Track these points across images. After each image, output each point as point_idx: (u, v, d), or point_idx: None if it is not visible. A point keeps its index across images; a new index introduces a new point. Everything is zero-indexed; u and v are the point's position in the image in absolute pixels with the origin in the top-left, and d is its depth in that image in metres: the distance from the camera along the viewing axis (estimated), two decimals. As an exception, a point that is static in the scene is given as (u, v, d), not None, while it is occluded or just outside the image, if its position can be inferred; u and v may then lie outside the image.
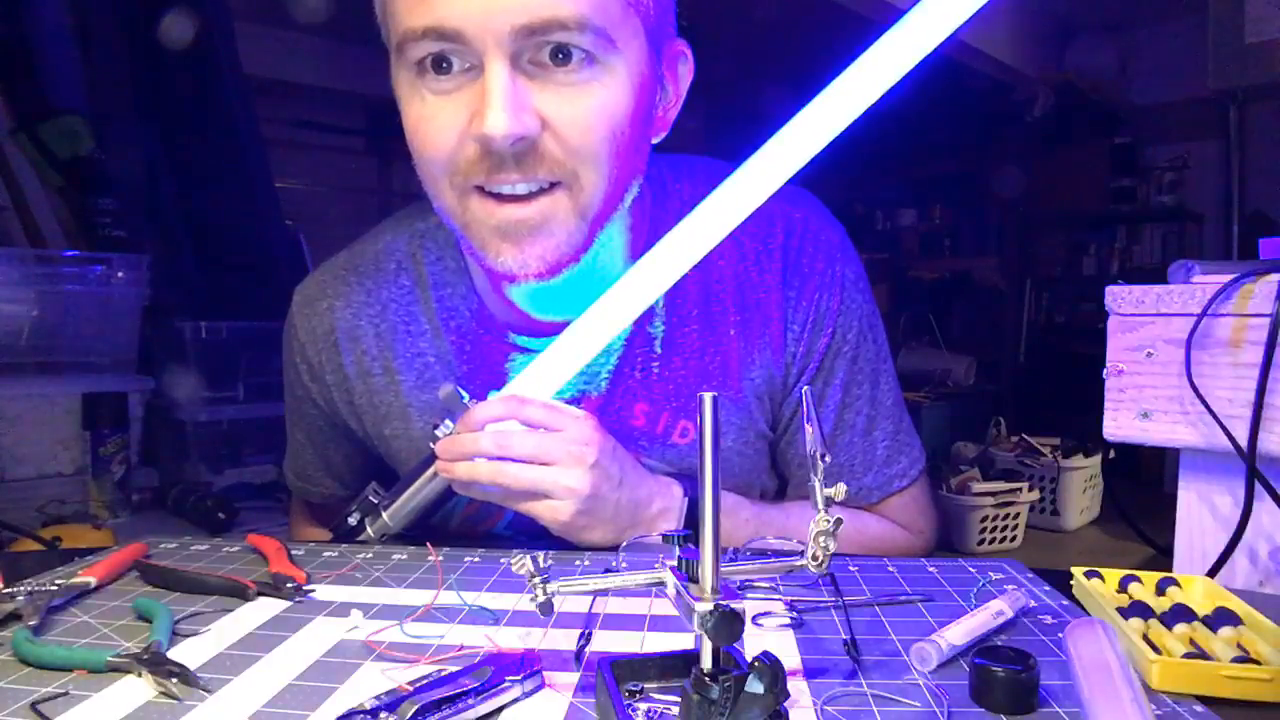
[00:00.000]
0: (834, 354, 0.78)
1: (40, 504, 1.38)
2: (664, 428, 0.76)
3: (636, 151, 0.66)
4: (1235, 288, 0.66)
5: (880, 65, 0.61)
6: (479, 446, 0.66)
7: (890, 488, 0.81)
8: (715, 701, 0.37)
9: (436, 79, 0.61)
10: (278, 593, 0.57)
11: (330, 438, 0.87)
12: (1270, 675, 0.43)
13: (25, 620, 0.51)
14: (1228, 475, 0.70)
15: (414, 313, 0.79)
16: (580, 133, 0.61)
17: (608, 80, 0.62)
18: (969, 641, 0.48)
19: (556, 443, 0.66)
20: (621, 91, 0.63)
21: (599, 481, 0.66)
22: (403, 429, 0.80)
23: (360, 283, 0.80)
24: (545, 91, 0.60)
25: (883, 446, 0.80)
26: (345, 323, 0.80)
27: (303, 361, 0.83)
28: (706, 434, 0.38)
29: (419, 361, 0.79)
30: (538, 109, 0.60)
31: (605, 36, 0.60)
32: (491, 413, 0.67)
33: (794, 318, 0.76)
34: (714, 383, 0.76)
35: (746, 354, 0.76)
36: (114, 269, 1.59)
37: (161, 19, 1.77)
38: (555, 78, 0.61)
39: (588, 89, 0.61)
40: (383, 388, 0.80)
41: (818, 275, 0.76)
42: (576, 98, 0.61)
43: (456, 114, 0.61)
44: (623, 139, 0.64)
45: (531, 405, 0.67)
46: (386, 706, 0.39)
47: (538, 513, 0.67)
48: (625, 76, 0.63)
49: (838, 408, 0.79)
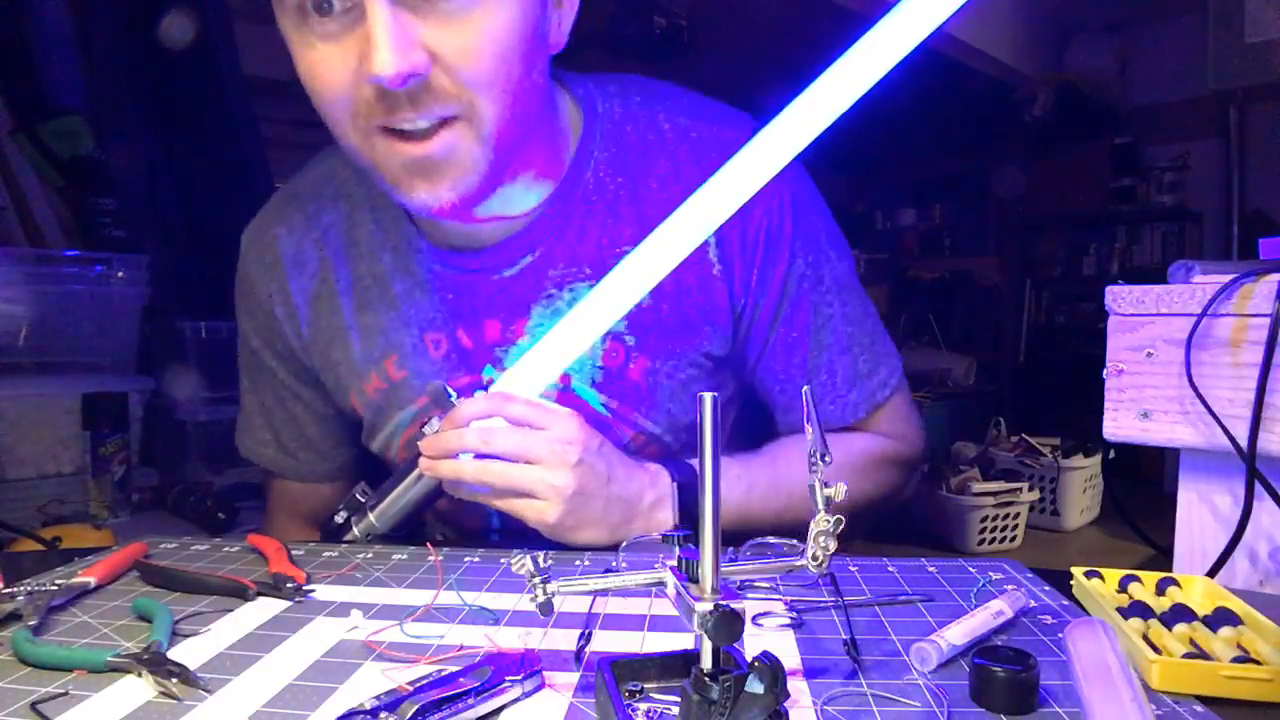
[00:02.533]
0: (796, 278, 0.78)
1: (40, 504, 1.38)
2: (592, 349, 0.75)
3: (533, 69, 0.65)
4: (1235, 288, 0.66)
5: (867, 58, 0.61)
6: (464, 443, 0.66)
7: (874, 399, 0.82)
8: (715, 701, 0.37)
9: (321, 21, 0.59)
10: (278, 593, 0.57)
11: (280, 398, 0.88)
12: (1270, 675, 0.43)
13: (25, 620, 0.51)
14: (1228, 475, 0.70)
15: (353, 236, 0.79)
16: (471, 63, 0.60)
17: (492, 3, 0.60)
18: (969, 641, 0.48)
19: (540, 441, 0.65)
20: (508, 12, 0.61)
21: (584, 480, 0.66)
22: (344, 355, 0.80)
23: (300, 209, 0.81)
24: (429, 24, 0.59)
25: (862, 360, 0.82)
26: (290, 249, 0.81)
27: (254, 303, 0.84)
28: (706, 434, 0.38)
29: (360, 285, 0.79)
30: (425, 43, 0.59)
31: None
32: (476, 409, 0.67)
33: (740, 247, 0.75)
34: (646, 302, 0.73)
35: (680, 275, 0.72)
36: (114, 269, 1.59)
37: (161, 19, 1.77)
38: (439, 8, 0.58)
39: (472, 16, 0.59)
40: (328, 310, 0.80)
41: (763, 198, 0.71)
42: (463, 27, 0.59)
43: (346, 57, 0.60)
44: (515, 61, 0.62)
45: (516, 402, 0.67)
46: (386, 706, 0.39)
47: (523, 514, 0.67)
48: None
49: (811, 330, 0.80)
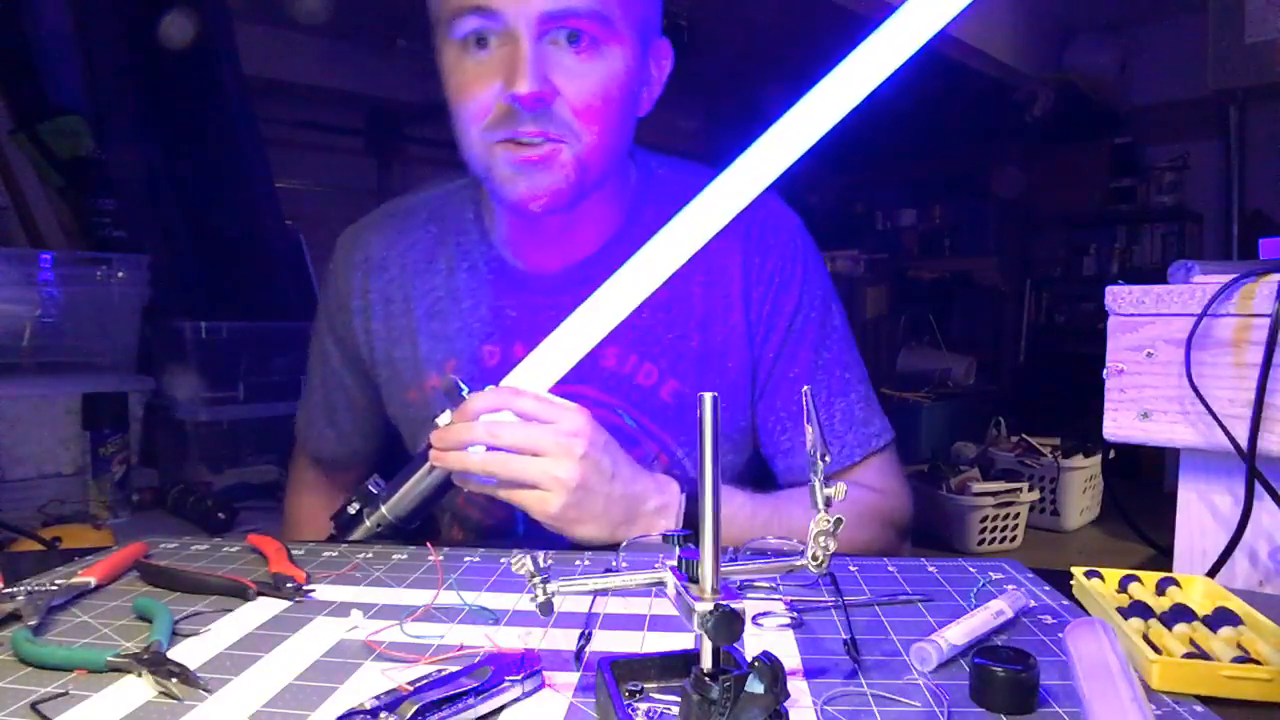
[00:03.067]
0: (802, 317, 0.86)
1: (40, 504, 1.38)
2: (631, 368, 0.84)
3: (625, 122, 0.80)
4: (1235, 288, 0.66)
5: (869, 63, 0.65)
6: (472, 436, 0.69)
7: (870, 445, 0.87)
8: (715, 701, 0.37)
9: (476, 53, 0.75)
10: (278, 593, 0.58)
11: (340, 383, 0.98)
12: (1270, 675, 0.43)
13: (25, 620, 0.51)
14: (1228, 475, 0.70)
15: (435, 254, 0.91)
16: (584, 101, 0.75)
17: (607, 62, 0.76)
18: (969, 641, 0.48)
19: (546, 434, 0.68)
20: (617, 72, 0.76)
21: (588, 473, 0.68)
22: (410, 352, 0.90)
23: (395, 224, 0.94)
24: (561, 67, 0.74)
25: (858, 407, 0.88)
26: (378, 253, 0.93)
27: (335, 294, 0.95)
28: (706, 434, 0.38)
29: (432, 295, 0.90)
30: (555, 80, 0.73)
31: (609, 26, 0.75)
32: (485, 403, 0.70)
33: (758, 280, 0.86)
34: (677, 333, 0.85)
35: (709, 310, 0.85)
36: (114, 269, 1.59)
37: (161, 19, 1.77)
38: (568, 56, 0.74)
39: (591, 67, 0.75)
40: (399, 313, 0.91)
41: (779, 246, 0.87)
42: (582, 74, 0.75)
43: (491, 78, 0.74)
44: (615, 110, 0.77)
45: (524, 397, 0.70)
46: (386, 706, 0.39)
47: (527, 504, 0.69)
48: (621, 60, 0.77)
49: (810, 366, 0.86)
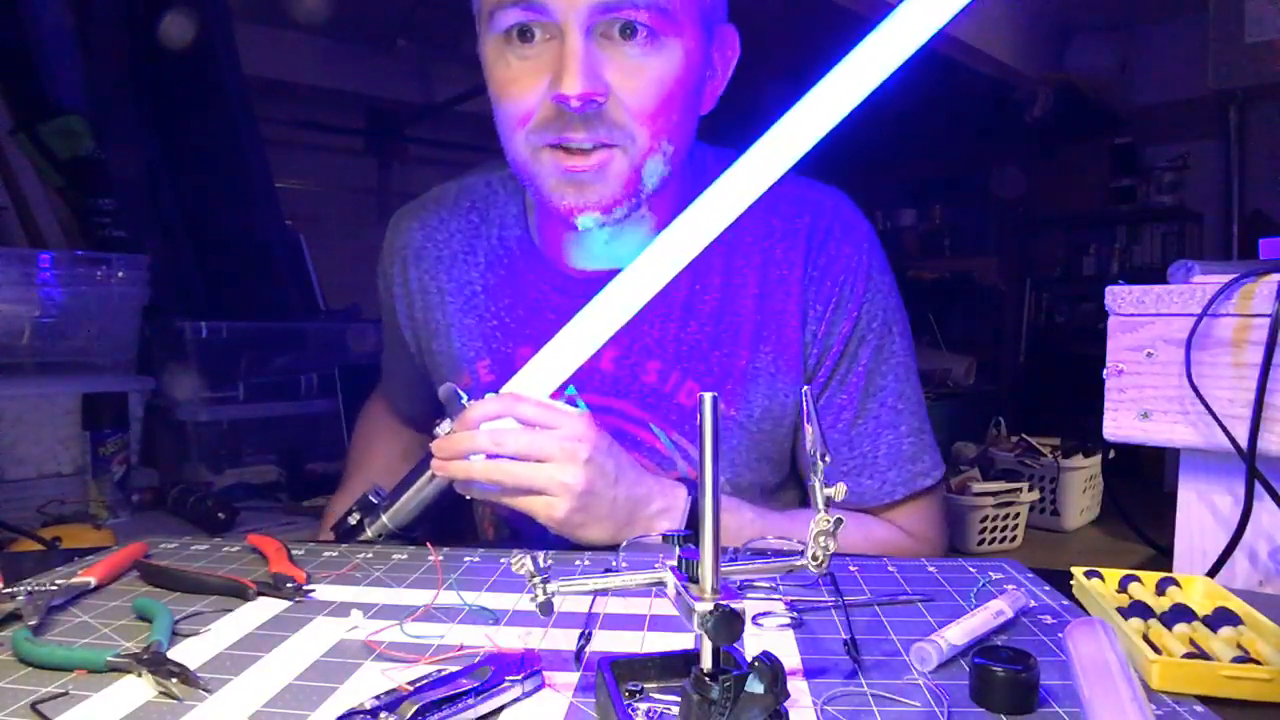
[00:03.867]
0: (858, 339, 0.79)
1: (40, 504, 1.38)
2: (673, 386, 0.79)
3: (685, 121, 0.73)
4: (1235, 288, 0.66)
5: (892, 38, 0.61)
6: (475, 444, 0.67)
7: (913, 485, 0.80)
8: (715, 701, 0.37)
9: (521, 46, 0.69)
10: (278, 593, 0.58)
11: (396, 349, 0.97)
12: (1270, 675, 0.43)
13: (25, 620, 0.51)
14: (1228, 475, 0.70)
15: (474, 245, 0.87)
16: (639, 101, 0.68)
17: (666, 56, 0.69)
18: (969, 641, 0.48)
19: (550, 439, 0.67)
20: (677, 67, 0.69)
21: (593, 477, 0.67)
22: (445, 347, 0.88)
23: (436, 211, 0.90)
24: (613, 63, 0.68)
25: (908, 442, 0.80)
26: (416, 243, 0.90)
27: (383, 275, 0.94)
28: (707, 434, 0.38)
29: (469, 288, 0.87)
30: (607, 77, 0.67)
31: (668, 16, 0.67)
32: (487, 411, 0.68)
33: (816, 297, 0.78)
34: (725, 349, 0.78)
35: (762, 326, 0.78)
36: (114, 269, 1.59)
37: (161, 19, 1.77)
38: (622, 50, 0.68)
39: (648, 63, 0.68)
40: (435, 305, 0.88)
41: (843, 259, 0.78)
42: (638, 70, 0.68)
43: (538, 76, 0.68)
44: (675, 109, 0.70)
45: (526, 403, 0.68)
46: (386, 706, 0.39)
47: (534, 509, 0.68)
48: (681, 54, 0.69)
49: (860, 393, 0.79)
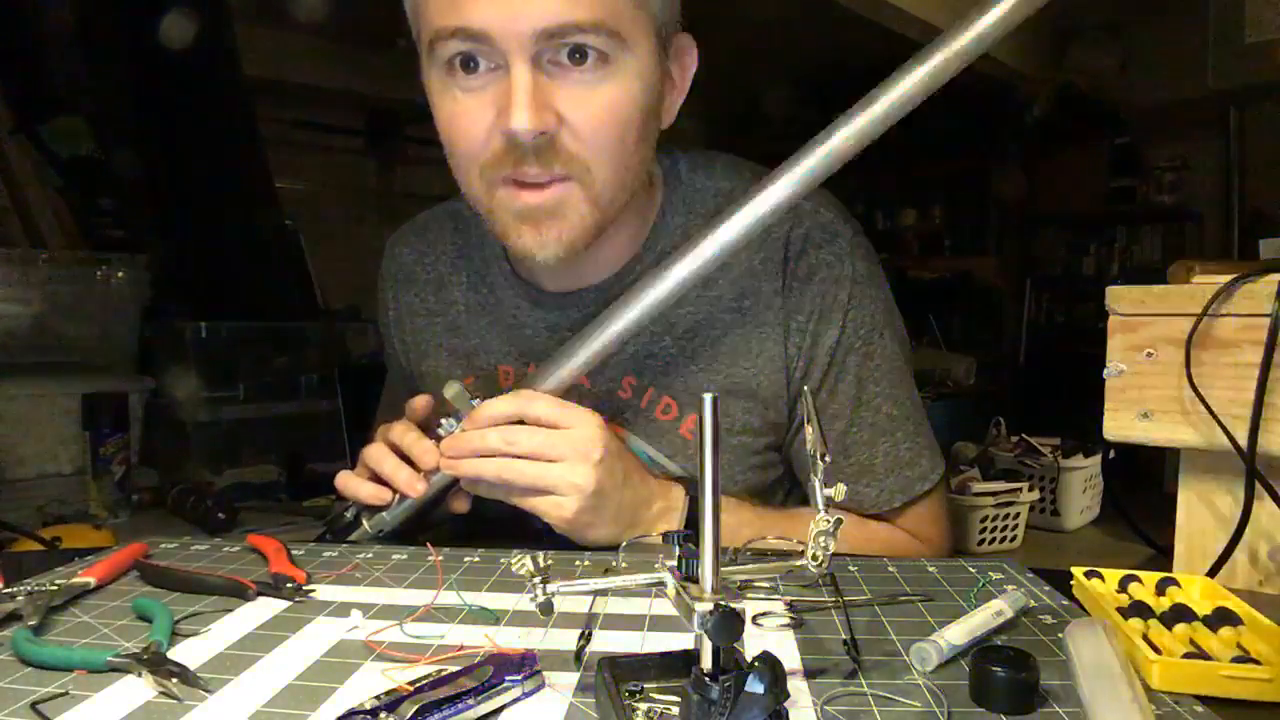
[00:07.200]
0: (845, 350, 0.77)
1: (40, 504, 1.38)
2: (648, 402, 0.78)
3: (644, 143, 0.70)
4: (1235, 288, 0.66)
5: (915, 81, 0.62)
6: (486, 443, 0.67)
7: (912, 491, 0.79)
8: (715, 701, 0.37)
9: (465, 78, 0.65)
10: (278, 593, 0.57)
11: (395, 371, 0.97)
12: (1270, 675, 0.43)
13: (25, 620, 0.51)
14: (1228, 475, 0.70)
15: (458, 265, 0.88)
16: (593, 130, 0.65)
17: (619, 78, 0.65)
18: (969, 641, 0.48)
19: (563, 439, 0.67)
20: (631, 88, 0.66)
21: (604, 478, 0.67)
22: (433, 367, 0.89)
23: (424, 235, 0.91)
24: (563, 91, 0.64)
25: (904, 448, 0.79)
26: (407, 266, 0.91)
27: (380, 300, 0.95)
28: (706, 434, 0.38)
29: (453, 309, 0.88)
30: (556, 107, 0.64)
31: (617, 37, 0.64)
32: (499, 410, 0.68)
33: (797, 308, 0.76)
34: (701, 364, 0.77)
35: (740, 341, 0.76)
36: (114, 269, 1.59)
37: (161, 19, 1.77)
38: (571, 76, 0.64)
39: (600, 88, 0.65)
40: (423, 326, 0.89)
41: (825, 268, 0.76)
42: (590, 96, 0.65)
43: (484, 110, 0.65)
44: (631, 133, 0.68)
45: (539, 402, 0.68)
46: (386, 706, 0.39)
47: (542, 509, 0.68)
48: (635, 73, 0.66)
49: (852, 405, 0.77)
